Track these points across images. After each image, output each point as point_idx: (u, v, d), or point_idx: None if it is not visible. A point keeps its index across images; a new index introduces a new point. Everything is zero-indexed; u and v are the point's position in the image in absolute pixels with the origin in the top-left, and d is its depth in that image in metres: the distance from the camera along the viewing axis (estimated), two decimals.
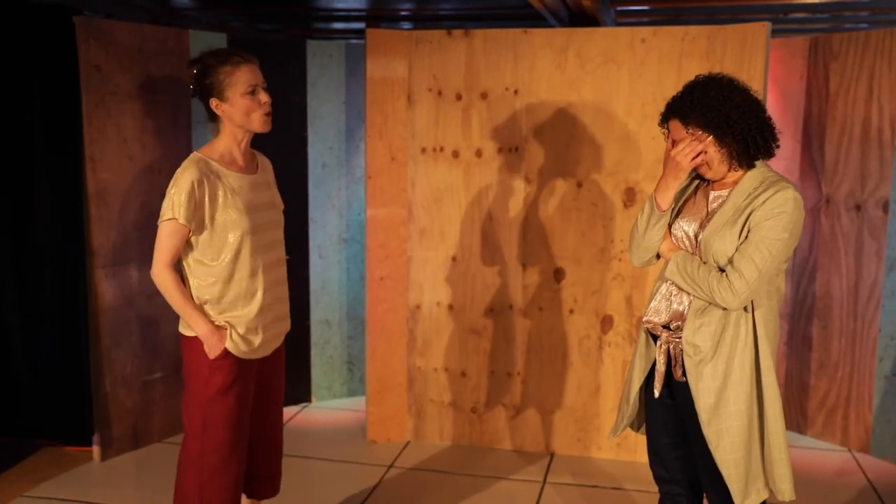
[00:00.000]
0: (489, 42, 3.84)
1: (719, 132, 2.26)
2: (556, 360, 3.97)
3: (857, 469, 3.90)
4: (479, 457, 4.01)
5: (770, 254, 2.21)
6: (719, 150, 2.29)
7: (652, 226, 2.42)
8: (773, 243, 2.22)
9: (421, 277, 4.05)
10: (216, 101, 2.57)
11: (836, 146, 4.05)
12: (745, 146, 2.27)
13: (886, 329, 3.96)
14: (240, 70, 2.55)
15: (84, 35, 3.58)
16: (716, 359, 2.29)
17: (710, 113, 2.25)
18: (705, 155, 2.30)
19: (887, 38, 3.84)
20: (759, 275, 2.21)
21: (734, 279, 2.22)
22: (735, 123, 2.25)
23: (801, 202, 2.25)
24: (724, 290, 2.23)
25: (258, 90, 2.58)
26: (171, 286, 2.57)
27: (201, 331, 2.57)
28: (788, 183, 2.26)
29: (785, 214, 2.21)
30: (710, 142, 2.28)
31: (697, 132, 2.29)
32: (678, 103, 2.33)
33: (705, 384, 2.30)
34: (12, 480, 3.65)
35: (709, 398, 2.29)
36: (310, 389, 4.69)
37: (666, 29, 3.67)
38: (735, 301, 2.23)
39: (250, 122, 2.59)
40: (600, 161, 3.79)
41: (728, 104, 2.25)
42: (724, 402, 2.29)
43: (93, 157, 3.66)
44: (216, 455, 2.65)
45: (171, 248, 2.55)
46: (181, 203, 2.49)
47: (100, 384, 3.80)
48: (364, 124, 4.11)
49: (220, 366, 2.60)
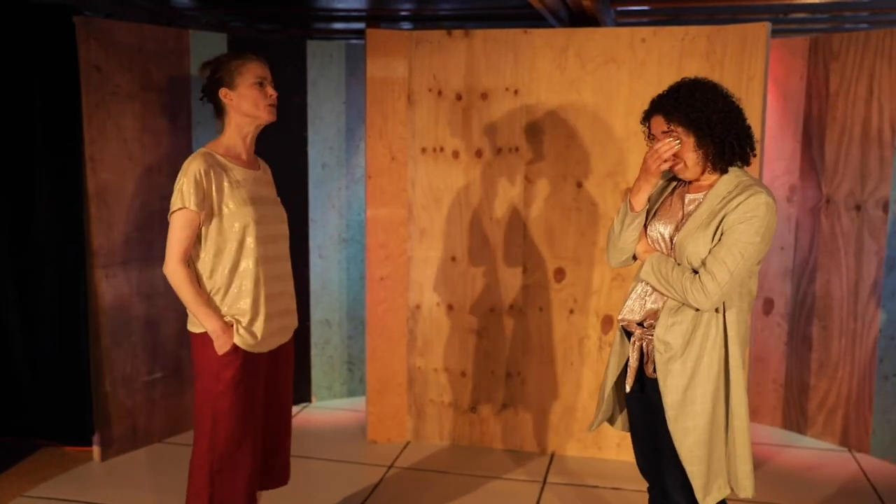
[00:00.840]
0: (489, 42, 3.84)
1: (699, 133, 2.32)
2: (556, 360, 3.97)
3: (858, 469, 3.90)
4: (479, 457, 4.01)
5: (742, 257, 2.26)
6: (696, 151, 2.35)
7: (627, 226, 2.48)
8: (745, 246, 2.26)
9: (421, 277, 4.05)
10: (226, 90, 2.67)
11: (836, 146, 4.05)
12: (723, 150, 2.34)
13: (887, 329, 3.96)
14: (251, 62, 2.69)
15: (84, 35, 3.58)
16: (685, 357, 2.35)
17: (692, 113, 2.31)
18: (682, 154, 2.35)
19: (887, 39, 3.84)
20: (730, 277, 2.26)
21: (706, 281, 2.27)
22: (715, 127, 2.31)
23: (774, 207, 2.29)
24: (696, 292, 2.29)
25: (266, 84, 2.69)
26: (184, 282, 2.59)
27: (212, 327, 2.60)
28: (762, 188, 2.31)
29: (757, 219, 2.26)
30: (691, 142, 2.33)
31: (678, 129, 2.34)
32: (663, 100, 2.38)
33: (673, 381, 2.36)
34: (12, 480, 3.65)
35: (675, 395, 2.35)
36: (310, 389, 4.69)
37: (666, 29, 3.67)
38: (707, 302, 2.29)
39: (257, 110, 2.68)
40: (600, 161, 3.79)
41: (711, 107, 2.31)
42: (691, 399, 2.35)
43: (93, 157, 3.66)
44: (227, 449, 2.68)
45: (184, 239, 2.58)
46: (190, 192, 2.54)
47: (100, 384, 3.80)
48: (364, 124, 4.11)
49: (230, 361, 2.64)
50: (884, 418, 4.00)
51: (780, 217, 4.28)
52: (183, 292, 2.60)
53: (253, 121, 2.70)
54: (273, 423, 2.90)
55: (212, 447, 2.68)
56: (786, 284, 4.31)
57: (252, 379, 2.71)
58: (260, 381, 2.75)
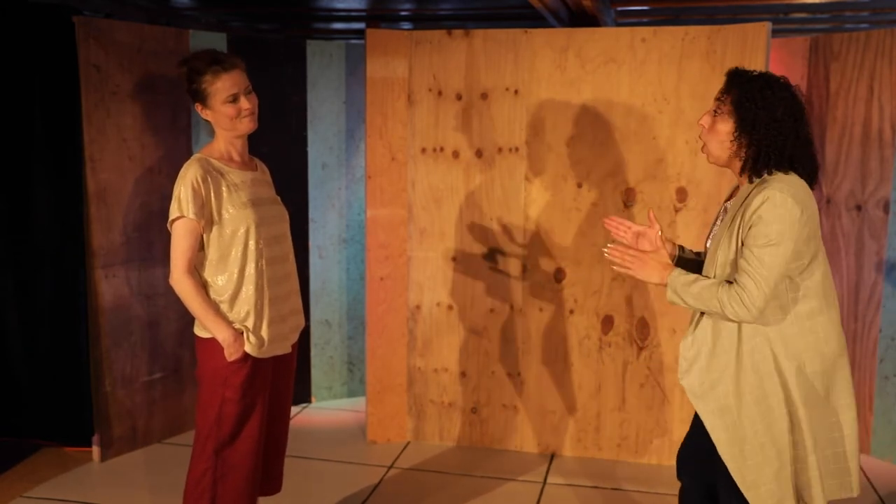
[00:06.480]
0: (489, 42, 3.84)
1: (741, 123, 2.22)
2: (556, 361, 3.97)
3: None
4: (479, 457, 4.01)
5: (760, 262, 2.14)
6: (730, 139, 2.24)
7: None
8: (761, 251, 2.14)
9: (421, 277, 4.05)
10: (200, 106, 2.64)
11: (836, 146, 4.05)
12: (758, 156, 2.22)
13: (887, 330, 3.96)
14: (220, 79, 2.58)
15: (84, 35, 3.58)
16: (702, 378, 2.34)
17: (747, 101, 2.20)
18: (711, 128, 2.27)
19: (888, 39, 3.84)
20: (755, 285, 2.15)
21: (739, 292, 2.17)
22: (759, 128, 2.20)
23: (787, 199, 2.13)
24: (735, 305, 2.17)
25: (239, 97, 2.61)
26: (191, 293, 2.56)
27: (223, 336, 2.58)
28: (778, 182, 2.17)
29: (762, 220, 2.13)
30: (728, 126, 2.24)
31: (726, 107, 2.25)
32: (740, 72, 2.27)
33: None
34: (12, 481, 3.64)
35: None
36: (310, 390, 4.68)
37: (666, 29, 3.67)
38: (747, 314, 2.17)
39: (233, 127, 2.63)
40: (600, 161, 3.79)
41: (767, 108, 2.19)
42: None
43: (93, 157, 3.66)
44: (231, 455, 2.67)
45: (188, 248, 2.55)
46: (188, 199, 2.51)
47: (100, 384, 3.80)
48: (364, 124, 4.11)
49: (239, 367, 2.62)
50: (884, 419, 4.00)
51: None
52: (191, 303, 2.57)
53: (233, 133, 2.66)
54: (272, 430, 2.88)
55: (216, 451, 2.66)
56: None
57: (259, 384, 2.69)
58: (266, 386, 2.74)
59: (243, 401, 2.64)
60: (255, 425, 2.70)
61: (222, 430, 2.65)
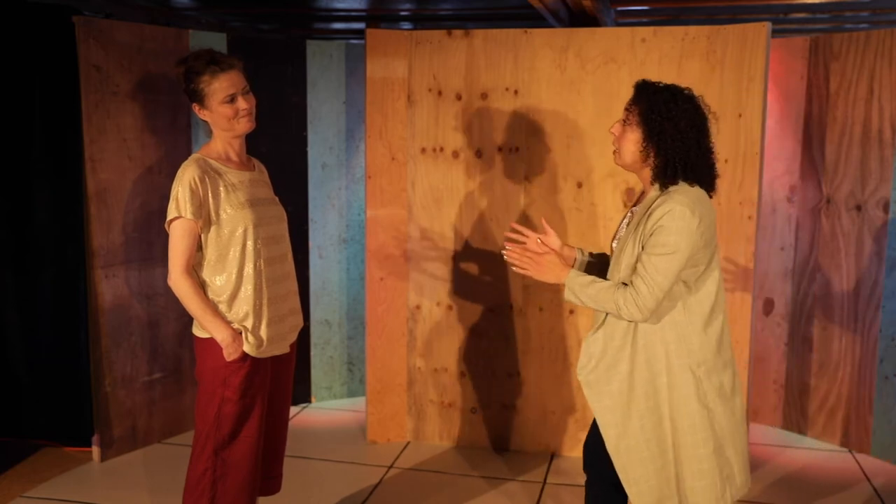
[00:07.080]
0: (489, 42, 3.84)
1: (648, 133, 2.30)
2: (556, 361, 3.97)
3: (858, 470, 3.90)
4: (478, 457, 4.01)
5: (656, 269, 2.24)
6: (638, 147, 2.33)
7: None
8: (658, 259, 2.24)
9: (421, 277, 4.05)
10: (198, 106, 2.63)
11: (836, 146, 4.05)
12: (665, 166, 2.30)
13: (887, 330, 3.96)
14: (217, 80, 2.58)
15: (84, 35, 3.58)
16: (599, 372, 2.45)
17: (653, 113, 2.29)
18: (621, 137, 2.36)
19: (888, 39, 3.84)
20: (647, 289, 2.25)
21: (631, 293, 2.27)
22: (665, 139, 2.28)
23: (685, 211, 2.22)
24: (629, 305, 2.28)
25: (237, 97, 2.61)
26: (190, 293, 2.56)
27: (221, 337, 2.58)
28: (680, 195, 2.25)
29: (662, 229, 2.23)
30: (637, 135, 2.32)
31: (635, 117, 2.33)
32: (647, 84, 2.36)
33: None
34: (12, 481, 3.65)
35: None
36: (310, 390, 4.68)
37: (666, 29, 3.67)
38: (638, 314, 2.28)
39: (231, 127, 2.63)
40: (600, 161, 3.79)
41: (672, 120, 2.28)
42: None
43: (93, 157, 3.66)
44: (231, 455, 2.67)
45: (186, 249, 2.55)
46: (186, 199, 2.51)
47: (100, 384, 3.80)
48: (364, 124, 4.11)
49: (238, 367, 2.62)
50: (884, 419, 3.99)
51: (781, 217, 4.28)
52: (189, 303, 2.58)
53: (231, 133, 2.66)
54: (271, 430, 2.89)
55: (215, 451, 2.66)
56: (786, 285, 4.31)
57: (258, 384, 2.70)
58: (266, 386, 2.74)
59: (242, 401, 2.65)
60: (255, 425, 2.70)
61: (222, 430, 2.65)
